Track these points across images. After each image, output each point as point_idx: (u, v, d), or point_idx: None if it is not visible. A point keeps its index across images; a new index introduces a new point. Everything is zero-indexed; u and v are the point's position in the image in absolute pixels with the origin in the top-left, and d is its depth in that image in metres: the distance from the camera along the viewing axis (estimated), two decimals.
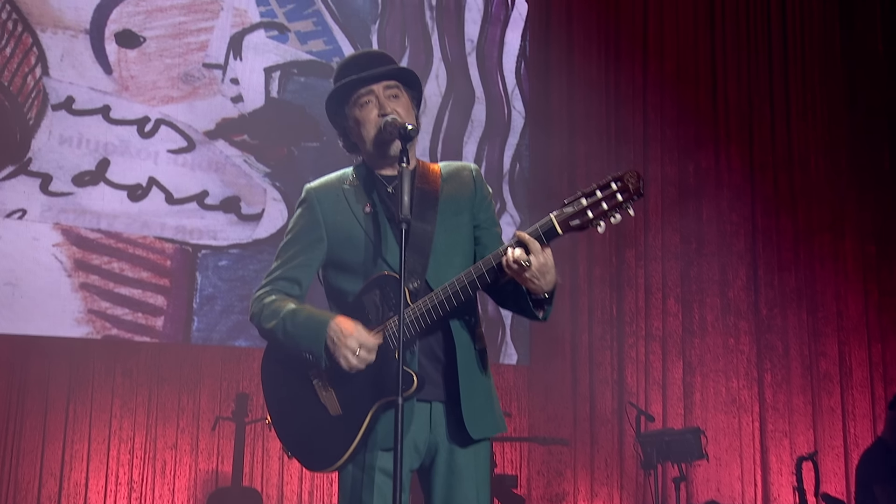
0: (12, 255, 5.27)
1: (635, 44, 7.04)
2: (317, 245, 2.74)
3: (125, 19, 5.68)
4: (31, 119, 5.40)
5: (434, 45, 6.41)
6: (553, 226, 2.49)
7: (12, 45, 5.40)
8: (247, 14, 5.95)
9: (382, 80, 2.70)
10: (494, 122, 6.50)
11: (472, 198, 2.79)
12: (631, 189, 2.43)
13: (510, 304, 2.73)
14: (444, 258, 2.68)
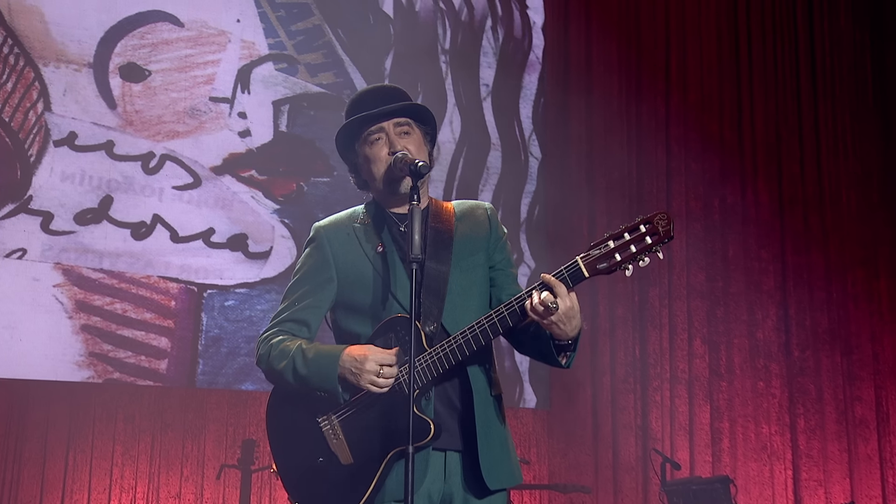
0: (11, 297, 5.31)
1: (657, 75, 7.08)
2: (326, 286, 2.75)
3: (130, 52, 5.76)
4: (33, 156, 5.48)
5: (448, 89, 6.47)
6: (579, 269, 2.50)
7: (13, 79, 5.49)
8: (255, 46, 6.03)
9: (393, 117, 2.73)
10: (511, 169, 6.54)
11: (487, 238, 2.81)
12: (661, 231, 2.45)
13: (530, 349, 2.74)
14: (460, 300, 2.70)
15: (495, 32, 6.70)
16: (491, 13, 6.73)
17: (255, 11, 6.07)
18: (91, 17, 5.69)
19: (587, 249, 2.50)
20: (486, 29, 6.67)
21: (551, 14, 6.92)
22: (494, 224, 2.85)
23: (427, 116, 2.82)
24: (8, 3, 5.53)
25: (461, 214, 2.84)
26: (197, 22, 5.92)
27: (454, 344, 2.59)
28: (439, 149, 6.32)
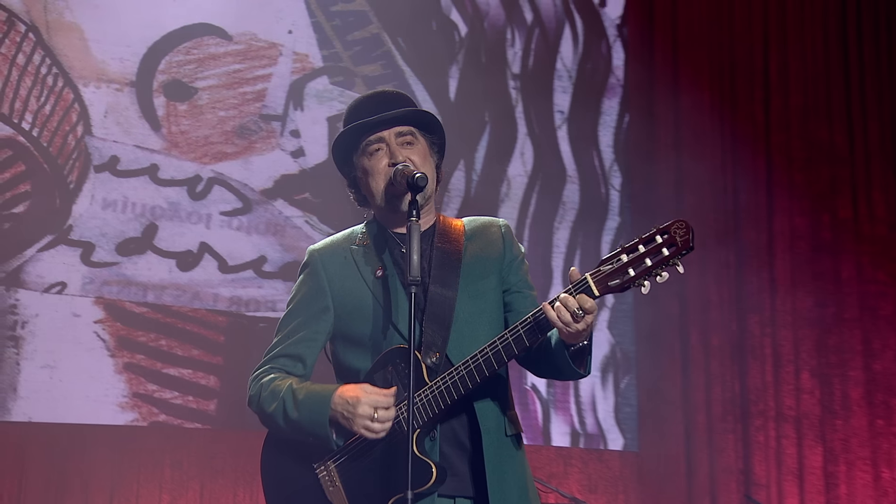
0: (51, 334, 5.32)
1: (754, 78, 6.82)
2: (321, 316, 2.70)
3: (175, 69, 5.75)
4: (72, 182, 5.49)
5: (518, 117, 6.32)
6: (589, 287, 2.44)
7: (52, 101, 5.51)
8: (308, 59, 5.98)
9: (394, 126, 2.67)
10: (590, 203, 6.35)
11: (500, 258, 2.74)
12: (679, 242, 2.39)
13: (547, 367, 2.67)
14: (468, 328, 2.64)
15: (571, 53, 6.51)
16: (565, 31, 6.55)
17: (308, 21, 6.02)
18: (133, 33, 5.70)
19: (597, 265, 2.46)
20: (560, 50, 6.51)
21: (634, 30, 6.68)
22: (509, 242, 2.79)
23: (433, 124, 2.75)
24: (46, 20, 5.56)
25: (472, 233, 2.78)
26: (246, 35, 5.89)
27: (457, 375, 2.52)
28: (509, 183, 6.20)
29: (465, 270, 2.69)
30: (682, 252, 2.39)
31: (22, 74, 5.48)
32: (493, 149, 6.22)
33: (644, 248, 2.41)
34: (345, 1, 6.09)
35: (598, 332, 6.13)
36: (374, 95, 2.79)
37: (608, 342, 6.24)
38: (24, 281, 5.34)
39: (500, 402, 2.63)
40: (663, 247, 2.40)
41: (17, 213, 5.38)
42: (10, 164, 5.41)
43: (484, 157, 6.20)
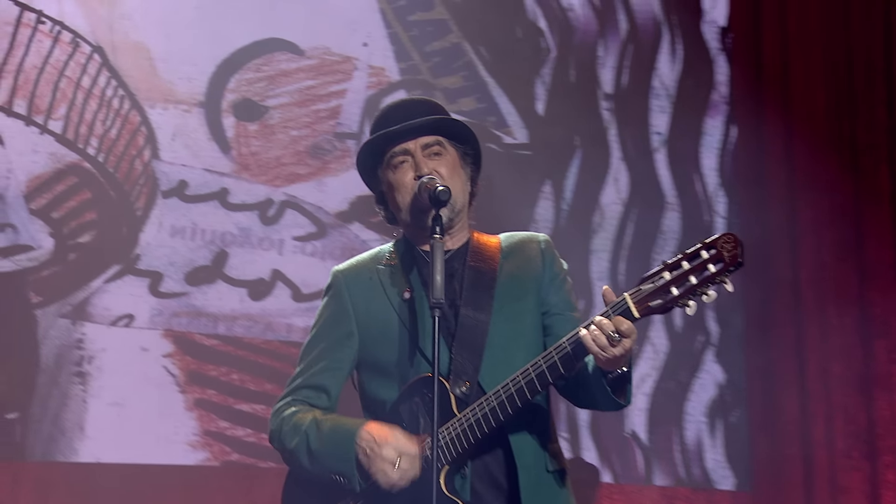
0: (119, 370, 5.29)
1: (873, 80, 6.47)
2: (345, 342, 2.67)
3: (244, 87, 5.70)
4: (140, 210, 5.47)
5: (611, 140, 6.09)
6: (627, 309, 2.38)
7: (118, 125, 5.50)
8: (385, 72, 5.89)
9: (420, 136, 2.64)
10: (692, 232, 6.04)
11: (538, 277, 2.69)
12: (726, 258, 2.32)
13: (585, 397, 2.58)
14: (503, 354, 2.57)
15: (669, 68, 6.27)
16: (662, 45, 6.31)
17: (385, 32, 5.93)
18: (202, 51, 5.66)
19: (637, 284, 2.39)
20: (657, 66, 6.26)
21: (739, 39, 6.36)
22: (549, 260, 2.73)
23: (464, 133, 2.71)
24: (112, 40, 5.55)
25: (508, 250, 2.72)
26: (319, 49, 5.82)
27: (487, 406, 2.44)
28: (602, 212, 5.99)
29: (499, 291, 2.63)
30: (731, 268, 2.33)
31: (87, 98, 5.48)
32: (585, 175, 6.03)
33: (689, 265, 2.36)
34: (423, 9, 5.99)
35: (704, 373, 5.91)
36: (400, 104, 2.76)
37: (715, 382, 5.98)
38: (90, 314, 5.33)
39: (538, 435, 2.56)
40: (710, 263, 2.34)
41: (83, 243, 5.38)
42: (75, 191, 5.41)
43: (574, 185, 6.01)
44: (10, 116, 5.36)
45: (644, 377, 5.85)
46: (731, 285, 2.35)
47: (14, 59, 5.41)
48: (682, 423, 5.82)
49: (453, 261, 2.67)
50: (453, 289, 2.62)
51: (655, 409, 5.88)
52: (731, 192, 6.23)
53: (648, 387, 5.88)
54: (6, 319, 5.25)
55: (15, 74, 5.40)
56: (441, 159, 2.66)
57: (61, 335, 5.29)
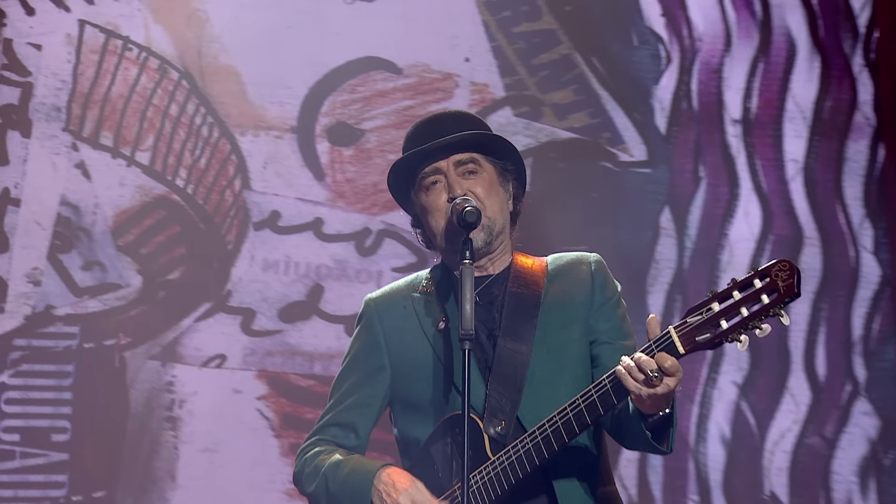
0: (211, 414, 5.29)
1: None
2: (376, 377, 2.65)
3: (339, 110, 5.65)
4: (230, 243, 5.46)
5: (740, 169, 5.84)
6: (672, 344, 2.30)
7: (207, 154, 5.51)
8: (488, 89, 5.78)
9: (452, 153, 2.60)
10: (835, 270, 5.78)
11: (587, 302, 2.62)
12: (781, 287, 2.25)
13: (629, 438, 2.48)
14: (545, 389, 2.52)
15: (805, 89, 5.97)
16: (797, 63, 6.02)
17: (488, 46, 5.82)
18: (294, 74, 5.64)
19: (683, 316, 2.32)
20: (790, 87, 5.98)
21: (886, 51, 6.03)
22: (600, 282, 2.65)
23: (501, 147, 2.64)
24: (200, 65, 5.58)
25: (555, 273, 2.67)
26: (417, 66, 5.76)
27: (522, 449, 2.38)
28: (731, 249, 5.73)
29: (543, 319, 2.59)
30: (786, 299, 2.26)
31: (175, 126, 5.51)
32: (711, 208, 5.79)
33: (740, 295, 2.28)
34: (529, 20, 5.86)
35: (853, 426, 5.62)
36: (433, 119, 2.72)
37: (865, 436, 5.66)
38: (180, 355, 5.33)
39: (588, 479, 2.50)
40: (763, 293, 2.26)
41: (173, 280, 5.39)
42: (164, 226, 5.43)
43: (699, 220, 5.77)
44: (97, 149, 5.42)
45: (784, 432, 5.58)
46: (787, 318, 2.27)
47: (100, 88, 5.47)
48: (828, 484, 5.56)
49: (493, 287, 2.64)
50: (492, 317, 2.59)
51: (798, 468, 5.59)
52: (879, 223, 5.87)
53: (789, 443, 5.58)
54: (95, 362, 5.28)
55: (101, 105, 5.45)
56: (476, 178, 2.62)
57: (151, 378, 5.30)
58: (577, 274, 2.67)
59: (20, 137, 5.36)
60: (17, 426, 5.21)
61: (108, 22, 5.47)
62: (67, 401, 5.25)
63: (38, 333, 5.27)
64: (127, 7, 5.48)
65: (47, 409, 5.24)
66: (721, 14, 5.95)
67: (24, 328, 5.25)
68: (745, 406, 5.56)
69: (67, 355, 5.27)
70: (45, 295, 5.29)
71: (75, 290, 5.31)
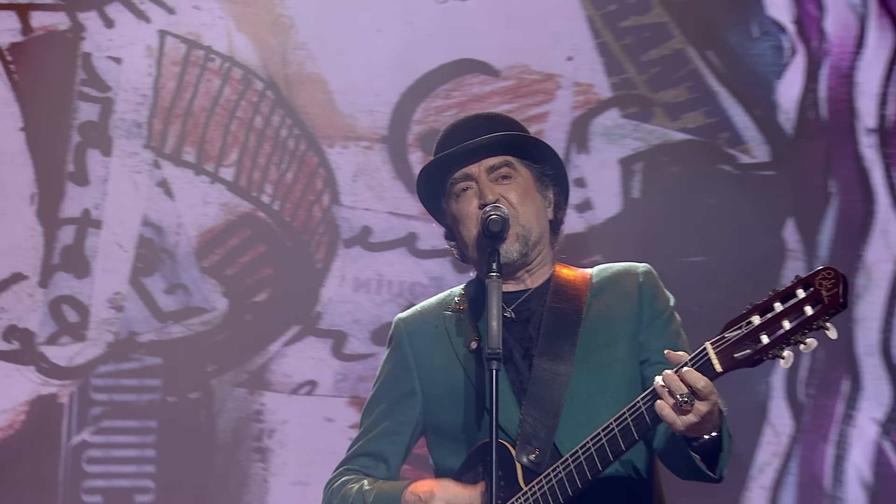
0: (302, 444, 5.30)
1: None
2: (407, 402, 2.67)
3: (432, 117, 5.60)
4: (319, 262, 5.45)
5: (876, 184, 5.57)
6: (709, 361, 2.25)
7: (294, 168, 5.50)
8: (593, 89, 5.66)
9: (484, 157, 2.58)
10: None
11: (633, 317, 2.58)
12: (825, 298, 2.18)
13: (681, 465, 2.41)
14: (585, 413, 2.49)
15: None
16: None
17: (592, 44, 5.70)
18: (383, 80, 5.61)
19: (721, 330, 2.26)
20: None
21: None
22: (649, 295, 2.60)
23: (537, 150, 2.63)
24: (286, 74, 5.57)
25: (600, 286, 2.63)
26: (516, 67, 5.66)
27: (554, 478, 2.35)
28: (868, 273, 5.48)
29: (584, 336, 2.55)
30: (830, 311, 2.19)
31: (260, 140, 5.51)
32: (843, 228, 5.56)
33: (781, 307, 2.22)
34: (638, 13, 5.73)
35: None
36: (463, 121, 2.70)
37: None
38: (269, 382, 5.33)
39: None
40: (806, 304, 2.20)
41: (259, 303, 5.41)
42: (249, 245, 5.44)
43: (831, 240, 5.55)
44: (179, 166, 5.47)
45: None
46: (833, 331, 2.19)
47: (182, 101, 5.52)
48: None
49: (531, 301, 2.61)
50: (528, 335, 2.57)
51: None
52: None
53: None
54: (181, 390, 5.33)
55: (183, 119, 5.50)
56: (510, 183, 2.59)
57: (239, 406, 5.32)
58: (623, 287, 2.62)
59: (100, 156, 5.43)
60: (99, 487, 5.28)
61: (189, 31, 5.52)
62: (151, 444, 5.31)
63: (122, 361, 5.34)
64: (209, 15, 5.52)
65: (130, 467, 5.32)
66: (852, 12, 5.69)
67: (106, 356, 5.31)
68: (887, 446, 5.30)
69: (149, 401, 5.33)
70: (127, 321, 5.35)
71: (159, 315, 5.36)
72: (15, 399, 5.24)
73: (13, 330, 5.29)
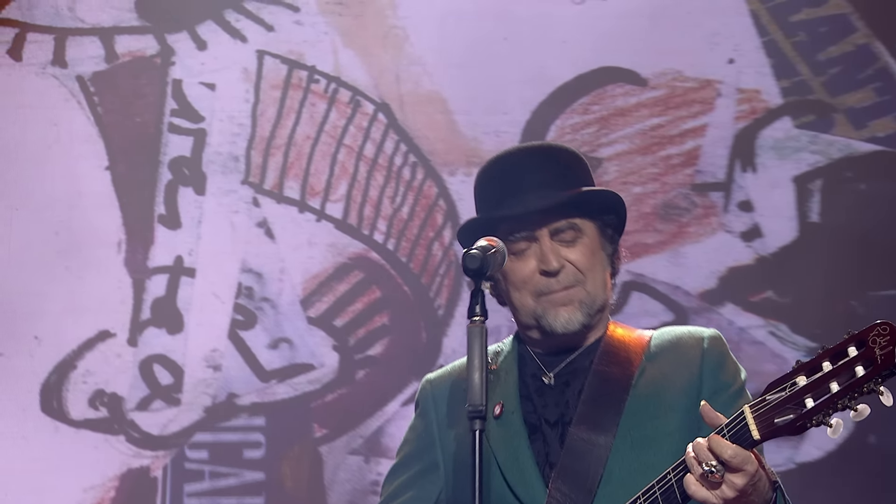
0: None
1: None
2: (428, 476, 2.73)
3: (569, 136, 5.50)
4: (441, 307, 5.41)
5: None
6: (746, 427, 2.26)
7: (411, 201, 5.46)
8: (760, 96, 5.55)
9: (547, 221, 2.63)
10: None
11: (692, 388, 2.60)
12: (878, 356, 2.18)
13: None
14: (624, 494, 2.47)
15: None
16: None
17: (758, 42, 5.58)
18: (512, 96, 5.53)
19: (763, 392, 2.29)
20: None
21: None
22: (712, 364, 2.63)
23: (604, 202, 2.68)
24: (399, 94, 5.52)
25: (657, 350, 2.68)
26: (666, 74, 5.57)
27: None
28: None
29: (632, 405, 2.58)
30: (884, 372, 2.19)
31: (371, 170, 5.47)
32: None
33: (830, 367, 2.22)
34: (812, 4, 5.63)
35: None
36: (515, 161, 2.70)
37: None
38: (387, 448, 5.24)
39: None
40: (857, 364, 2.20)
41: (374, 356, 5.36)
42: (361, 290, 5.39)
43: None
44: (281, 203, 5.44)
45: None
46: (888, 396, 2.17)
47: (283, 130, 5.49)
48: None
49: (577, 362, 2.66)
50: (565, 400, 2.61)
51: None
52: None
53: None
54: (286, 458, 5.27)
55: (285, 150, 5.47)
56: (576, 246, 2.65)
57: (353, 477, 5.27)
58: (683, 352, 2.65)
59: (193, 195, 5.42)
60: None
61: (290, 50, 5.51)
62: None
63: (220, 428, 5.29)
64: (312, 31, 5.50)
65: None
66: None
67: (203, 422, 5.27)
68: None
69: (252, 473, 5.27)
70: (226, 381, 5.32)
71: (261, 373, 5.31)
72: (104, 474, 5.20)
73: (100, 395, 5.27)
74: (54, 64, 5.37)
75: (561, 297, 2.63)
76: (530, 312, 2.66)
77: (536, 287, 2.63)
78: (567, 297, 2.64)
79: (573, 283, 2.64)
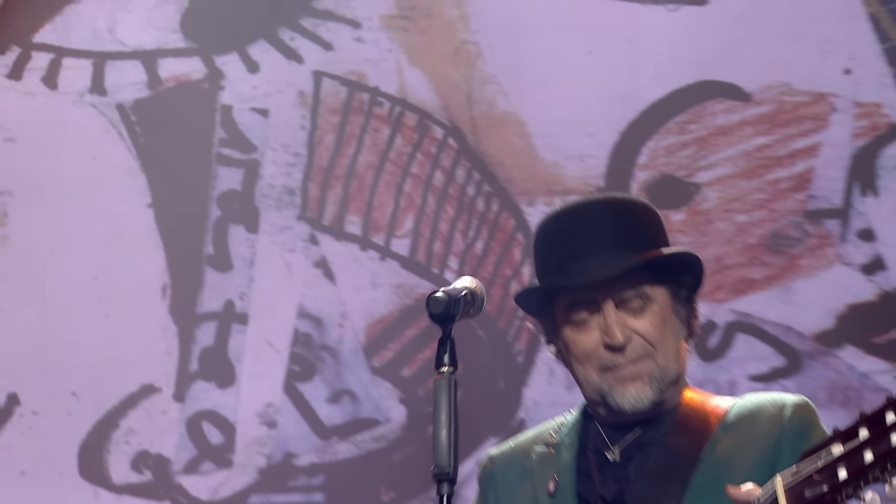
0: None
1: None
2: None
3: (662, 160, 5.44)
4: (520, 354, 5.35)
5: None
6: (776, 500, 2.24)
7: (485, 235, 5.39)
8: (881, 111, 5.41)
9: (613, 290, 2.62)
10: None
11: (768, 461, 2.58)
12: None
13: None
14: None
15: None
16: None
17: (878, 49, 5.45)
18: (597, 115, 5.46)
19: (798, 460, 2.28)
20: None
21: None
22: (795, 434, 2.60)
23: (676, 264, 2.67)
24: (471, 116, 5.46)
25: (735, 420, 2.67)
26: (773, 87, 5.45)
27: None
28: None
29: (699, 480, 2.58)
30: None
31: (441, 201, 5.42)
32: None
33: (867, 433, 2.18)
34: None
35: None
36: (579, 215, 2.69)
37: None
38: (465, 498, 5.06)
39: None
40: (894, 431, 2.14)
41: None
42: (431, 337, 5.01)
43: None
44: (342, 240, 5.39)
45: None
46: None
47: (343, 159, 5.45)
48: None
49: (646, 436, 2.65)
50: (626, 476, 2.62)
51: None
52: None
53: None
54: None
55: (345, 181, 5.43)
56: (645, 315, 2.63)
57: None
58: (762, 422, 2.62)
59: (245, 233, 5.39)
60: None
61: (350, 71, 5.47)
62: None
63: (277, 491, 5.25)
64: (374, 48, 5.46)
65: None
66: None
67: (258, 486, 5.23)
68: None
69: None
70: (282, 439, 5.29)
71: (321, 430, 5.28)
72: None
73: (144, 457, 5.25)
74: (92, 91, 5.38)
75: (629, 372, 2.60)
76: (595, 388, 2.65)
77: (601, 361, 2.63)
78: (635, 372, 2.61)
79: (642, 356, 2.61)
